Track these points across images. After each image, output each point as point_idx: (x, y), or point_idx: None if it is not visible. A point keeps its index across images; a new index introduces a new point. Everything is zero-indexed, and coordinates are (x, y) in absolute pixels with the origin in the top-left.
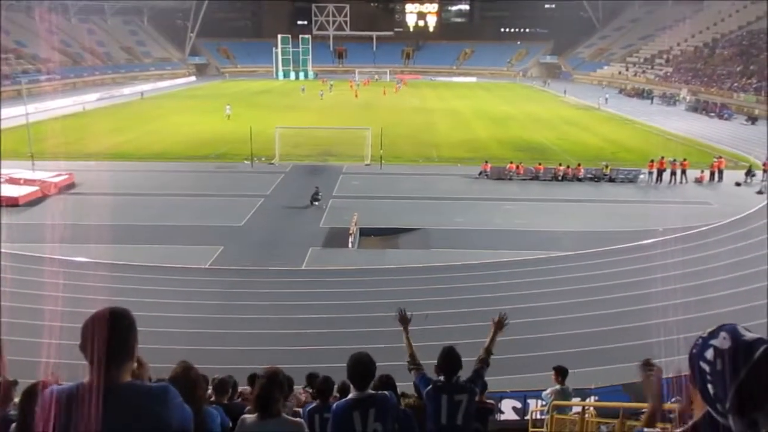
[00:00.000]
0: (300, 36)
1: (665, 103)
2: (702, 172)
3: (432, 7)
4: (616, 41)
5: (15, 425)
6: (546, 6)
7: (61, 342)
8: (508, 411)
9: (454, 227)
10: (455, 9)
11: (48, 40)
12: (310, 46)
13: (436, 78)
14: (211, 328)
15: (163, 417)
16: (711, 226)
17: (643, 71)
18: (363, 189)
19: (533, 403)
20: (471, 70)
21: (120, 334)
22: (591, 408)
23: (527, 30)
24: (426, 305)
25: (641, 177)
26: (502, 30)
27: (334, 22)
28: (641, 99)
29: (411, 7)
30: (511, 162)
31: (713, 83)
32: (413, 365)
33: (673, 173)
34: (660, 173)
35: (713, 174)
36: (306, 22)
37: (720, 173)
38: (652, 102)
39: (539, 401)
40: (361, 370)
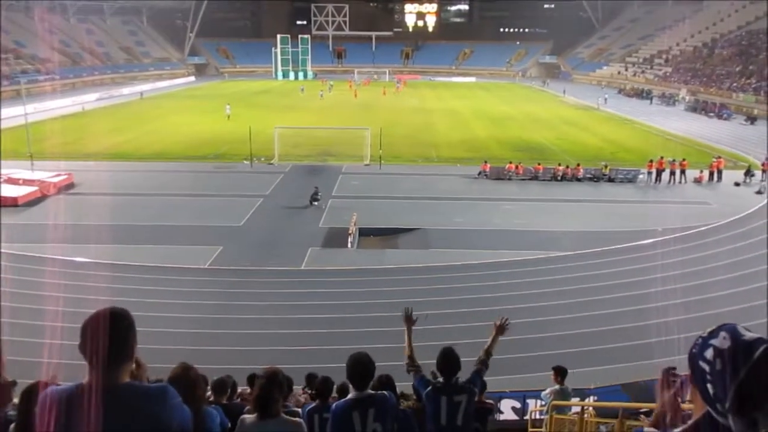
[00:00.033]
0: (299, 36)
1: (664, 103)
2: (701, 172)
3: (431, 7)
4: (615, 41)
5: (14, 425)
6: (545, 6)
7: (61, 342)
8: (507, 411)
9: (453, 227)
10: (454, 9)
11: (47, 40)
12: (309, 46)
13: (435, 78)
14: (211, 328)
15: (162, 417)
16: (710, 226)
17: (643, 71)
18: (362, 189)
19: (532, 403)
20: (470, 70)
21: (119, 334)
22: (590, 408)
23: (526, 30)
24: (425, 305)
25: (640, 177)
26: (501, 30)
27: (333, 22)
28: (640, 99)
29: (410, 7)
30: (511, 162)
31: (712, 83)
32: (412, 367)
33: (672, 173)
34: (659, 173)
35: (712, 174)
36: (305, 22)
37: (719, 173)
38: (651, 102)
39: (538, 401)
40: (361, 370)
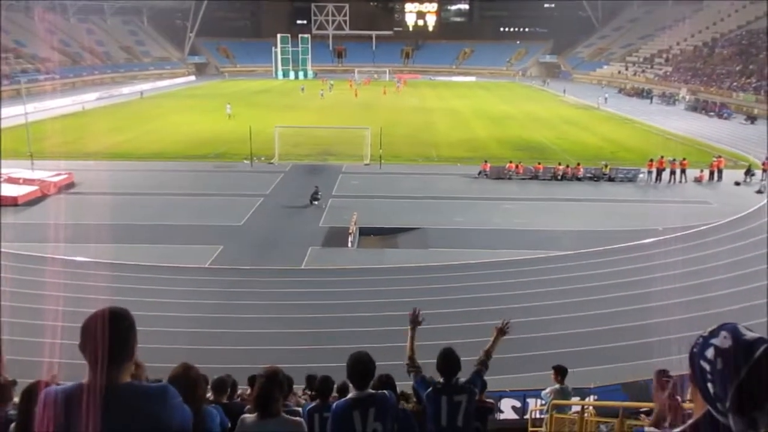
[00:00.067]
0: (299, 35)
1: (665, 103)
2: (701, 171)
3: (431, 7)
4: (615, 41)
5: (14, 425)
6: (545, 5)
7: (61, 342)
8: (507, 410)
9: (453, 227)
10: (454, 8)
11: (47, 39)
12: (309, 45)
13: (435, 77)
14: (211, 327)
15: (163, 417)
16: (710, 225)
17: (643, 71)
18: (362, 188)
19: (532, 403)
20: (470, 69)
21: (120, 334)
22: (590, 407)
23: (527, 29)
24: (425, 305)
25: (640, 176)
26: (501, 29)
27: (333, 21)
28: (641, 98)
29: (410, 7)
30: (511, 161)
31: (712, 83)
32: (412, 368)
33: (673, 172)
34: (659, 172)
35: (712, 173)
36: (305, 21)
37: (719, 172)
38: (651, 101)
39: (539, 400)
40: (361, 369)
